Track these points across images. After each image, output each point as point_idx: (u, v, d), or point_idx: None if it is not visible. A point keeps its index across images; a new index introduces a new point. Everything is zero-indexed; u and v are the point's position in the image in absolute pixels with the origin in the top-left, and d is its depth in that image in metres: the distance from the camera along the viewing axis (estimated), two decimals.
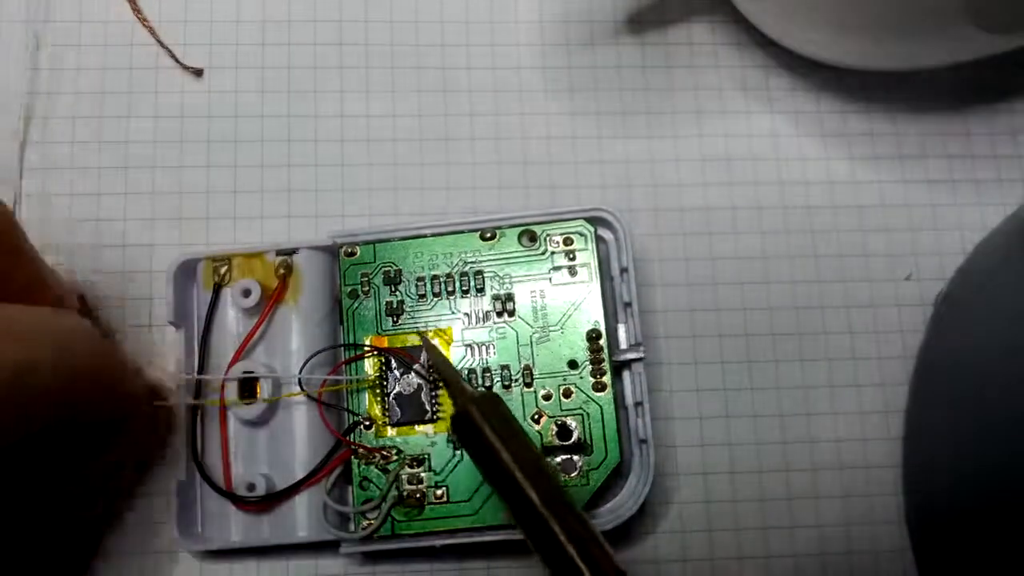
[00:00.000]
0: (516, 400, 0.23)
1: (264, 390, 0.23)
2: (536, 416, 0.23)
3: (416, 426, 0.23)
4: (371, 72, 0.27)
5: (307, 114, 0.27)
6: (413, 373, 0.23)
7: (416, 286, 0.24)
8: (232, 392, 0.23)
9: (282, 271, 0.24)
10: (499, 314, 0.24)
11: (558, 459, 0.23)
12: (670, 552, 0.24)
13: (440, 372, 0.22)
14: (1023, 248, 0.23)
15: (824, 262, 0.26)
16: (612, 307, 0.24)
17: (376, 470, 0.23)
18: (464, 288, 0.24)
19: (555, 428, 0.23)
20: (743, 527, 0.25)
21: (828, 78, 0.28)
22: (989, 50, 0.24)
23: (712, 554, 0.24)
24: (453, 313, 0.24)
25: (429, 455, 0.23)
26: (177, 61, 0.27)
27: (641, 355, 0.23)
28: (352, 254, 0.24)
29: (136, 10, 0.27)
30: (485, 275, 0.24)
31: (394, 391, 0.23)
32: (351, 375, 0.23)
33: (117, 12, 0.27)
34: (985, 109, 0.28)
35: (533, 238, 0.24)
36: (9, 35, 0.27)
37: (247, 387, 0.23)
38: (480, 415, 0.19)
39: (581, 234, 0.24)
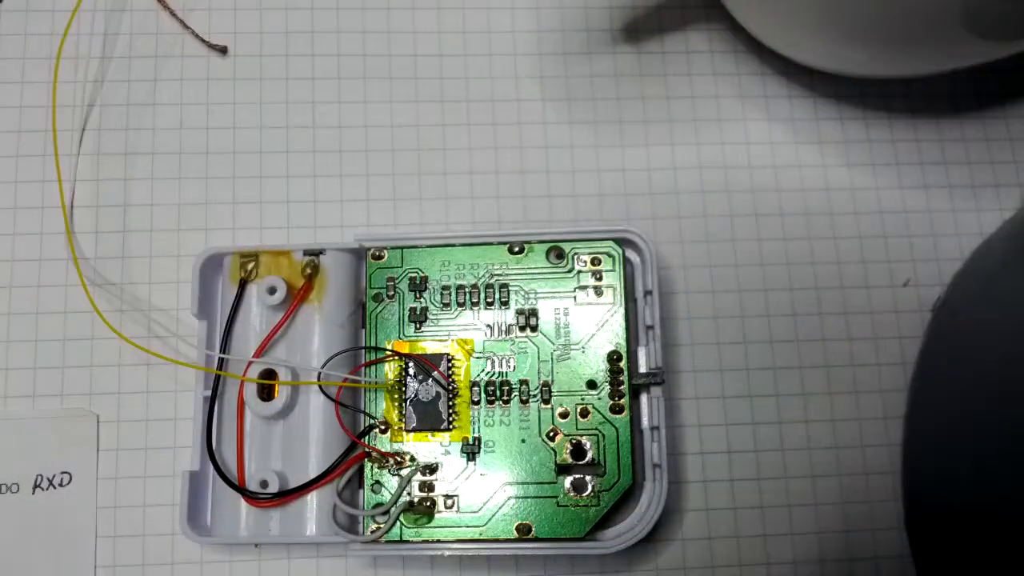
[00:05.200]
0: (533, 416, 0.23)
1: (283, 388, 0.23)
2: (552, 433, 0.23)
3: (431, 434, 0.23)
4: (368, 83, 0.27)
5: (306, 125, 0.27)
6: (432, 381, 0.23)
7: (441, 294, 0.24)
8: (251, 387, 0.23)
9: (308, 271, 0.24)
10: (522, 328, 0.24)
11: (570, 478, 0.23)
12: (671, 560, 0.24)
13: None
14: (1020, 253, 0.23)
15: (822, 269, 0.26)
16: (634, 329, 0.24)
17: (388, 475, 0.23)
18: (489, 300, 0.24)
19: (570, 446, 0.23)
20: (743, 535, 0.25)
21: (825, 85, 0.28)
22: (985, 57, 0.24)
23: (712, 561, 0.24)
24: (476, 324, 0.24)
25: (442, 464, 0.23)
26: (202, 40, 0.27)
27: (660, 380, 0.23)
28: (379, 257, 0.24)
29: None
30: (511, 289, 0.24)
31: (412, 397, 0.23)
32: (370, 378, 0.23)
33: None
34: (981, 115, 0.28)
35: (561, 255, 0.24)
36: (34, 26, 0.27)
37: (266, 383, 0.23)
38: None
39: (609, 255, 0.24)
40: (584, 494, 0.22)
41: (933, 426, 0.24)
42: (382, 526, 0.22)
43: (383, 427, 0.23)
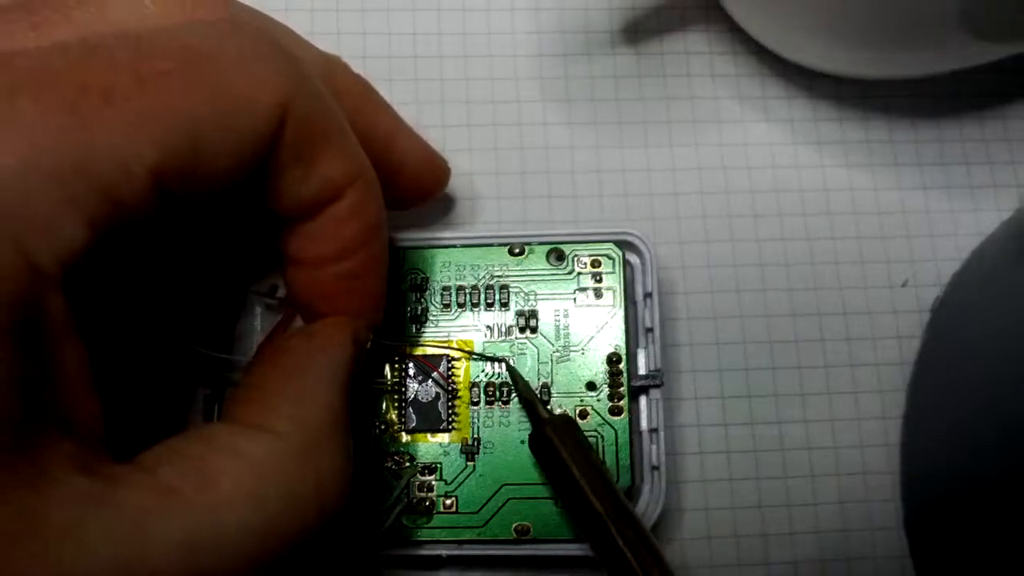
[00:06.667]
0: None
1: None
2: None
3: (430, 434, 0.23)
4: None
5: None
6: (432, 381, 0.23)
7: (441, 295, 0.24)
8: None
9: None
10: (522, 330, 0.24)
11: None
12: (670, 560, 0.24)
13: (520, 394, 0.23)
14: (1018, 253, 0.23)
15: (821, 269, 0.26)
16: (634, 331, 0.24)
17: (387, 475, 0.23)
18: (489, 301, 0.24)
19: None
20: (742, 534, 0.25)
21: (824, 86, 0.28)
22: (984, 58, 0.25)
23: (712, 561, 0.24)
24: (476, 325, 0.24)
25: (441, 464, 0.23)
26: None
27: (659, 382, 0.23)
28: None
29: None
30: (511, 290, 0.24)
31: (411, 398, 0.23)
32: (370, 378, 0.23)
33: None
34: (980, 116, 0.28)
35: (561, 257, 0.24)
36: None
37: None
38: (555, 435, 0.21)
39: (609, 257, 0.24)
40: None
41: (932, 426, 0.24)
42: (383, 526, 0.22)
43: (382, 427, 0.23)
